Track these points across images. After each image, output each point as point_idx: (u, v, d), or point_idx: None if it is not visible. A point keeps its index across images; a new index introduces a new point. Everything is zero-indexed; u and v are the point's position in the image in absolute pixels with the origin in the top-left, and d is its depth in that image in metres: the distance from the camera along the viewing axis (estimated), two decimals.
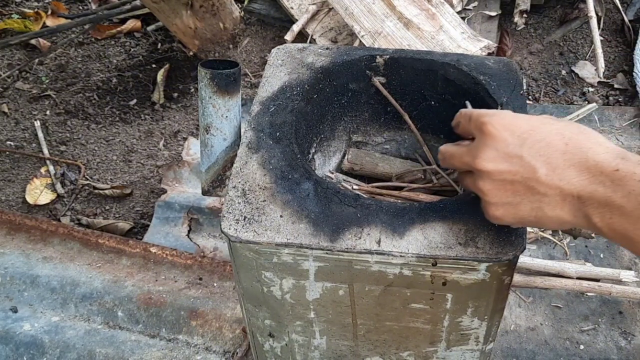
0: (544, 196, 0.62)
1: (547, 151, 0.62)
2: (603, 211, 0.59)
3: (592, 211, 0.60)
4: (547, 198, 0.62)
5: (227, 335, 1.33)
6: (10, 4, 2.54)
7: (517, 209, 0.65)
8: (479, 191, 0.67)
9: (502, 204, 0.65)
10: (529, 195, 0.63)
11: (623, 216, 0.57)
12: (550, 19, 2.14)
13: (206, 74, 0.81)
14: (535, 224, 0.65)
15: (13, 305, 1.40)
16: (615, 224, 0.58)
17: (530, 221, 0.65)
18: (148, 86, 2.15)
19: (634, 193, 0.57)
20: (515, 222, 0.66)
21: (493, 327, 0.82)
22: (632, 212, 0.57)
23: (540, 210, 0.63)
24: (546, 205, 0.63)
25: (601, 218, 0.59)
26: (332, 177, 0.92)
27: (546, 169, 0.62)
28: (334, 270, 0.75)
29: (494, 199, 0.65)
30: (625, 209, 0.57)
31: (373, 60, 0.93)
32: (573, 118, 1.61)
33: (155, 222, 1.65)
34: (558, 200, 0.62)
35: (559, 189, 0.61)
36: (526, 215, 0.64)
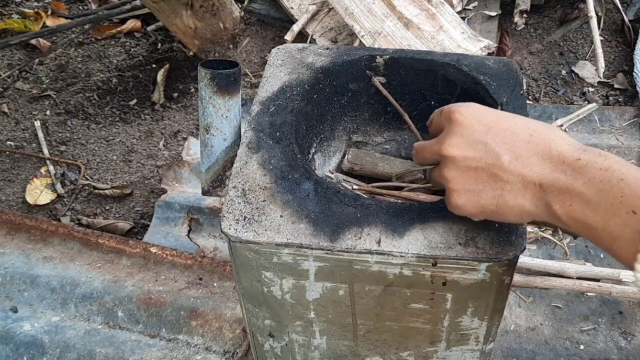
0: (506, 183, 0.62)
1: (511, 140, 0.63)
2: (563, 198, 0.59)
3: (553, 199, 0.59)
4: (509, 185, 0.62)
5: (227, 335, 1.33)
6: (10, 4, 2.54)
7: (479, 196, 0.65)
8: (444, 179, 0.67)
9: (464, 192, 0.65)
10: (491, 182, 0.63)
11: (583, 203, 0.57)
12: (550, 19, 2.14)
13: (206, 74, 0.81)
14: (495, 213, 0.65)
15: (13, 305, 1.40)
16: (576, 211, 0.58)
17: (492, 210, 0.64)
18: (148, 86, 2.15)
19: (594, 180, 0.57)
20: (476, 212, 0.66)
21: (493, 327, 0.82)
22: (592, 198, 0.57)
23: (502, 198, 0.63)
24: (508, 193, 0.63)
25: (561, 205, 0.59)
26: (332, 177, 0.92)
27: (509, 156, 0.62)
28: (334, 270, 0.75)
29: (457, 186, 0.66)
30: (586, 195, 0.57)
31: (373, 60, 0.93)
32: (573, 118, 1.61)
33: (155, 222, 1.65)
34: (520, 188, 0.62)
35: (521, 176, 0.62)
36: (487, 204, 0.64)
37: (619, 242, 0.55)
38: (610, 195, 0.55)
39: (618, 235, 0.54)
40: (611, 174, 0.56)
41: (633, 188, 0.54)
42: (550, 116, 1.79)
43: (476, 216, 0.67)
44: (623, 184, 0.55)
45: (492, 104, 0.85)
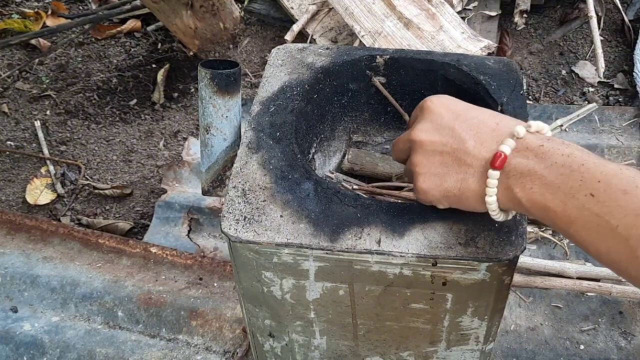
0: (470, 167, 0.64)
1: (477, 127, 0.65)
2: (524, 181, 0.59)
3: (514, 182, 0.60)
4: (472, 169, 0.64)
5: (227, 335, 1.33)
6: (10, 4, 2.54)
7: (443, 180, 0.66)
8: (412, 164, 0.69)
9: (430, 175, 0.67)
10: (455, 166, 0.65)
11: (544, 186, 0.58)
12: (550, 19, 2.14)
13: (206, 74, 0.81)
14: (459, 199, 0.65)
15: (13, 305, 1.40)
16: (536, 194, 0.58)
17: (455, 194, 0.65)
18: (148, 86, 2.15)
19: (556, 165, 0.58)
20: (440, 196, 0.67)
21: (493, 327, 0.82)
22: (553, 181, 0.57)
23: (465, 182, 0.64)
24: (470, 177, 0.64)
25: (522, 188, 0.59)
26: (332, 177, 0.92)
27: (474, 141, 0.64)
28: (334, 270, 0.75)
29: (423, 170, 0.67)
30: (547, 178, 0.58)
31: (373, 60, 0.93)
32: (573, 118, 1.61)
33: (155, 222, 1.65)
34: (482, 172, 0.63)
35: (484, 160, 0.63)
36: (451, 187, 0.65)
37: (576, 224, 0.55)
38: (570, 179, 0.56)
39: (575, 217, 0.55)
40: (573, 159, 0.57)
41: (592, 172, 0.55)
42: (550, 116, 1.79)
43: (441, 202, 0.68)
44: (583, 169, 0.56)
45: (492, 104, 0.85)
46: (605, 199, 0.53)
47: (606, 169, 0.55)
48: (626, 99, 1.92)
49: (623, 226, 0.51)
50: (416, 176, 0.68)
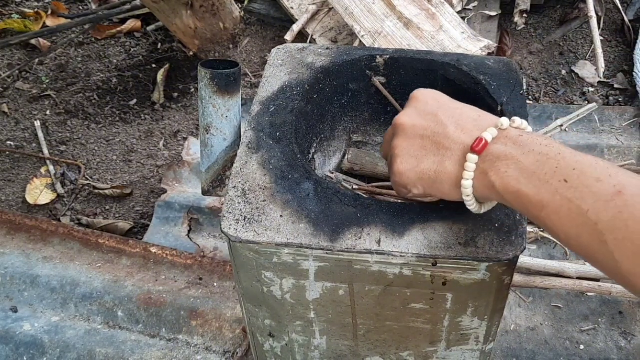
0: (448, 150, 0.65)
1: (460, 116, 0.67)
2: (500, 165, 0.60)
3: (490, 166, 0.61)
4: (450, 152, 0.65)
5: (227, 335, 1.33)
6: (10, 4, 2.54)
7: (420, 161, 0.67)
8: (392, 147, 0.70)
9: (408, 157, 0.68)
10: (434, 150, 0.66)
11: (519, 170, 0.58)
12: (550, 19, 2.14)
13: (206, 74, 0.81)
14: (433, 181, 0.66)
15: (13, 305, 1.40)
16: (510, 178, 0.59)
17: (430, 177, 0.66)
18: (148, 86, 2.15)
19: (533, 152, 0.59)
20: (415, 178, 0.67)
21: (493, 327, 0.82)
22: (528, 167, 0.58)
23: (442, 164, 0.65)
24: (448, 160, 0.65)
25: (497, 172, 0.60)
26: (332, 177, 0.92)
27: (455, 127, 0.66)
28: (334, 270, 0.75)
29: (402, 152, 0.68)
30: (523, 163, 0.58)
31: (373, 60, 0.93)
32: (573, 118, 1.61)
33: (155, 222, 1.65)
34: (460, 155, 0.64)
35: (463, 144, 0.64)
36: (427, 169, 0.66)
37: (548, 209, 0.56)
38: (546, 165, 0.57)
39: (548, 202, 0.56)
40: (550, 149, 0.58)
41: (568, 161, 0.56)
42: (550, 116, 1.79)
43: (415, 185, 0.68)
44: (560, 157, 0.57)
45: (492, 104, 0.85)
46: (578, 185, 0.54)
47: (582, 159, 0.56)
48: (626, 99, 1.92)
49: (593, 211, 0.52)
50: (394, 158, 0.69)
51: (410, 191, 0.69)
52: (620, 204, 0.51)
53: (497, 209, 0.72)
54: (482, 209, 0.67)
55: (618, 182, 0.52)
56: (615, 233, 0.50)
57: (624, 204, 0.51)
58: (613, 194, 0.52)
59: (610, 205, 0.51)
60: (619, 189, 0.52)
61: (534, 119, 1.79)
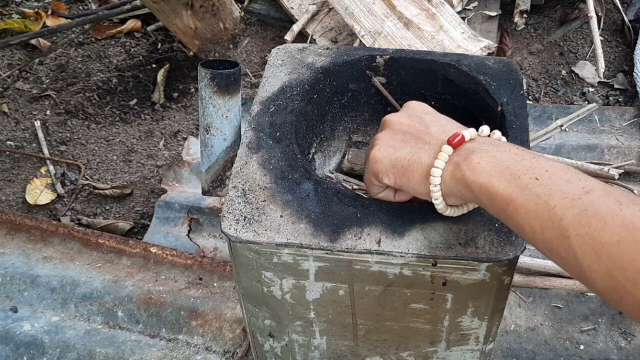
0: (426, 144, 0.68)
1: (445, 123, 0.71)
2: (473, 157, 0.61)
3: (462, 159, 0.62)
4: (428, 145, 0.67)
5: (227, 335, 1.33)
6: (10, 4, 2.54)
7: (396, 150, 0.69)
8: (374, 140, 0.72)
9: (386, 146, 0.70)
10: (413, 142, 0.69)
11: (492, 163, 0.60)
12: (550, 19, 2.14)
13: (206, 74, 0.81)
14: (405, 170, 0.67)
15: (13, 305, 1.40)
16: (482, 170, 0.60)
17: (403, 165, 0.67)
18: (148, 86, 2.15)
19: (509, 152, 0.61)
20: (388, 165, 0.68)
21: (493, 327, 0.82)
22: (503, 161, 0.59)
23: (417, 154, 0.67)
24: (424, 152, 0.67)
25: (469, 163, 0.61)
26: (332, 177, 0.92)
27: (438, 128, 0.69)
28: (334, 270, 0.75)
29: (382, 142, 0.71)
30: (497, 158, 0.60)
31: (373, 60, 0.93)
32: (573, 118, 1.61)
33: (155, 222, 1.65)
34: (436, 148, 0.66)
35: (442, 141, 0.66)
36: (401, 157, 0.68)
37: (514, 203, 0.57)
38: (519, 163, 0.59)
39: (515, 196, 0.57)
40: (525, 152, 0.61)
41: (542, 164, 0.58)
42: (550, 116, 1.79)
43: (387, 173, 0.69)
44: (534, 160, 0.59)
45: (492, 104, 0.85)
46: (548, 183, 0.56)
47: (554, 164, 0.58)
48: (626, 99, 1.92)
49: (560, 206, 0.53)
50: (373, 147, 0.71)
51: (381, 180, 0.70)
52: (586, 203, 0.52)
53: None
54: (447, 209, 0.68)
55: (586, 184, 0.54)
56: (578, 229, 0.51)
57: (589, 203, 0.52)
58: (580, 193, 0.53)
59: (577, 202, 0.53)
60: (587, 189, 0.53)
61: (534, 119, 1.79)
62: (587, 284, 0.52)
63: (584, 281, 0.53)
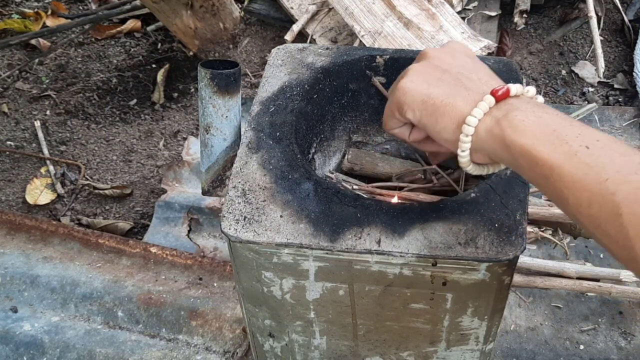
0: (466, 89, 0.60)
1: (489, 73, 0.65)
2: (517, 113, 0.56)
3: (503, 114, 0.56)
4: (467, 92, 0.60)
5: (227, 335, 1.33)
6: (10, 4, 2.54)
7: (430, 87, 0.61)
8: (406, 70, 0.64)
9: (419, 79, 0.62)
10: (451, 84, 0.61)
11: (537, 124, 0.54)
12: (550, 19, 2.14)
13: (206, 74, 0.81)
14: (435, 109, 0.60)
15: (13, 305, 1.40)
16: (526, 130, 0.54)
17: (434, 104, 0.60)
18: (148, 86, 2.15)
19: (558, 116, 0.55)
20: (418, 99, 0.61)
21: (493, 327, 0.82)
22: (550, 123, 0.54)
23: (453, 97, 0.60)
24: (461, 97, 0.60)
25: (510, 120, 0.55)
26: (332, 177, 0.92)
27: (484, 75, 0.63)
28: (334, 270, 0.75)
29: (415, 73, 0.63)
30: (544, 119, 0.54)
31: (373, 60, 0.93)
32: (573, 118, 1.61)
33: (155, 222, 1.65)
34: (476, 97, 0.59)
35: (483, 89, 0.60)
36: (434, 95, 0.61)
37: (559, 170, 0.51)
38: (569, 129, 0.53)
39: (561, 164, 0.51)
40: (575, 121, 0.55)
41: (593, 133, 0.53)
42: None
43: (413, 108, 0.62)
44: (584, 128, 0.53)
45: None
46: (600, 154, 0.50)
47: (607, 136, 0.53)
48: (626, 99, 1.92)
49: (612, 180, 0.48)
50: (404, 77, 0.64)
51: (404, 114, 0.63)
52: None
53: (497, 209, 0.72)
54: (470, 165, 0.62)
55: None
56: (633, 207, 0.46)
57: None
58: (637, 168, 0.48)
59: (633, 178, 0.48)
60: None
61: None
62: (636, 267, 0.48)
63: (634, 264, 0.48)
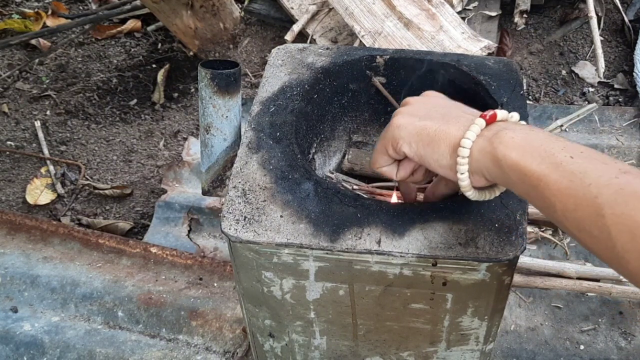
0: (454, 119, 0.64)
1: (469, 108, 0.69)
2: (506, 132, 0.59)
3: (494, 134, 0.60)
4: (456, 120, 0.64)
5: (227, 335, 1.33)
6: (11, 4, 2.54)
7: (422, 120, 0.66)
8: (396, 112, 0.69)
9: (410, 116, 0.67)
10: (440, 118, 0.65)
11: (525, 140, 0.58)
12: (550, 19, 2.14)
13: (206, 74, 0.81)
14: (430, 139, 0.64)
15: (13, 305, 1.40)
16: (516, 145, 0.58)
17: (428, 134, 0.64)
18: (148, 86, 2.15)
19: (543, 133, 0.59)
20: (413, 132, 0.65)
21: (493, 327, 0.82)
22: (536, 139, 0.58)
23: (445, 126, 0.64)
24: (453, 125, 0.63)
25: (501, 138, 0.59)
26: (332, 177, 0.92)
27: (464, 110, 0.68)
28: (334, 270, 0.75)
29: (406, 112, 0.68)
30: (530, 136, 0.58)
31: (373, 60, 0.93)
32: (573, 118, 1.61)
33: (155, 222, 1.65)
34: (466, 123, 0.63)
35: (471, 119, 0.63)
36: (427, 126, 0.64)
37: (546, 180, 0.55)
38: (554, 143, 0.57)
39: (548, 174, 0.55)
40: (558, 137, 0.59)
41: (576, 146, 0.57)
42: (550, 116, 1.79)
43: (409, 141, 0.65)
44: (568, 143, 0.57)
45: (492, 104, 0.85)
46: (583, 162, 0.54)
47: (590, 149, 0.57)
48: (626, 99, 1.92)
49: (595, 185, 0.52)
50: (396, 116, 0.68)
51: (399, 148, 0.67)
52: (623, 182, 0.51)
53: (497, 209, 0.72)
54: (471, 190, 0.64)
55: (623, 167, 0.53)
56: (614, 208, 0.50)
57: (627, 182, 0.51)
58: (617, 173, 0.52)
59: (614, 181, 0.51)
60: (624, 170, 0.52)
61: (534, 119, 1.79)
62: (619, 265, 0.51)
63: (616, 262, 0.51)
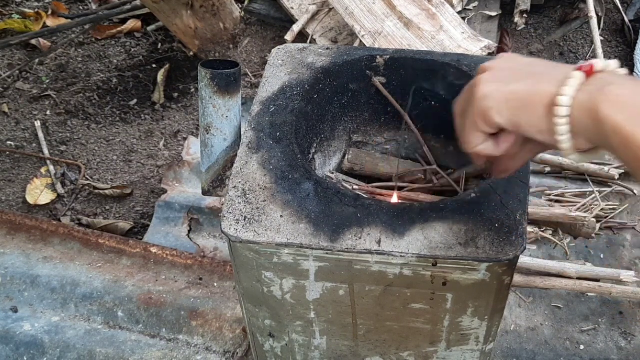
0: (545, 74, 0.56)
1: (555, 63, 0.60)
2: (611, 88, 0.51)
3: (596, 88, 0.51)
4: (548, 76, 0.56)
5: (228, 335, 1.33)
6: (11, 4, 2.54)
7: (509, 83, 0.57)
8: (475, 80, 0.60)
9: (494, 81, 0.58)
10: (527, 75, 0.57)
11: (634, 97, 0.49)
12: (550, 19, 2.14)
13: (206, 74, 0.81)
14: (522, 104, 0.56)
15: (13, 305, 1.40)
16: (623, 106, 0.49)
17: (519, 98, 0.56)
18: (148, 86, 2.15)
19: None
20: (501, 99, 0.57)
21: (493, 327, 0.82)
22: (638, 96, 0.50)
23: (537, 84, 0.55)
24: (544, 82, 0.55)
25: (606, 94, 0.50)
26: (332, 177, 0.92)
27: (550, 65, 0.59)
28: (334, 270, 0.75)
29: (488, 79, 0.59)
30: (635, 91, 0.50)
31: (373, 60, 0.93)
32: None
33: (155, 222, 1.65)
34: (561, 77, 0.54)
35: (565, 73, 0.55)
36: (517, 89, 0.56)
37: None
38: None
39: None
40: None
41: None
42: None
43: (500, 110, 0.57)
44: None
45: None
46: None
47: None
48: None
49: None
50: (477, 86, 0.59)
51: (491, 119, 0.58)
52: None
53: (497, 209, 0.72)
54: (574, 152, 0.56)
55: None
56: None
57: None
58: None
59: None
60: None
61: None
62: None
63: None
